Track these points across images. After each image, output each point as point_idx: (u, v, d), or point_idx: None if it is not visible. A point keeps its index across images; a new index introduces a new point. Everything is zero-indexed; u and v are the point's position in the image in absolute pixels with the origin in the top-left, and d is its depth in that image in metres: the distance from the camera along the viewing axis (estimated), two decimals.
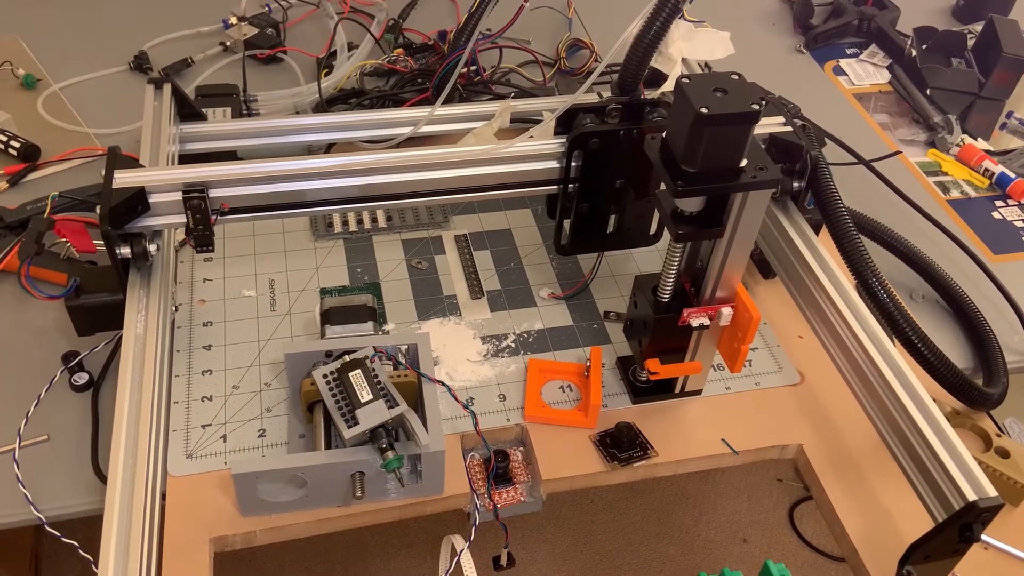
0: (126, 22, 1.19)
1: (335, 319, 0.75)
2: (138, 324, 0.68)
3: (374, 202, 0.77)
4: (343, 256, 0.88)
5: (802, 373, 0.80)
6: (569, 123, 0.76)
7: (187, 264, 0.85)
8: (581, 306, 0.85)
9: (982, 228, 1.00)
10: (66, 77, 1.08)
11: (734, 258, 0.66)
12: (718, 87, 0.58)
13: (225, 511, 0.66)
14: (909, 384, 0.65)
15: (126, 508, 0.58)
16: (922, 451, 0.62)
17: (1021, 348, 0.86)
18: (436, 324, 0.82)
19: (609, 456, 0.72)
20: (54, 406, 0.74)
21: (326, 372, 0.67)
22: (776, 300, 0.86)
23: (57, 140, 0.99)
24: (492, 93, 1.06)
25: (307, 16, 1.23)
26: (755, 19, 1.32)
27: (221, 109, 0.95)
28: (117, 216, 0.67)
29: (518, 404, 0.76)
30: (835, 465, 0.73)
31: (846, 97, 1.19)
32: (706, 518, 1.54)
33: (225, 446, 0.71)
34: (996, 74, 1.14)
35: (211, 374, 0.76)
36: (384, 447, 0.63)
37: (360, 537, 1.44)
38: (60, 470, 0.70)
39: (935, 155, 1.09)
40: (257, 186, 0.71)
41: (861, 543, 0.68)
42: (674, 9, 0.68)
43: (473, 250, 0.90)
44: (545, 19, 1.22)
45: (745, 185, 0.60)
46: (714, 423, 0.76)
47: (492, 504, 0.70)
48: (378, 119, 0.90)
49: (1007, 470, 0.71)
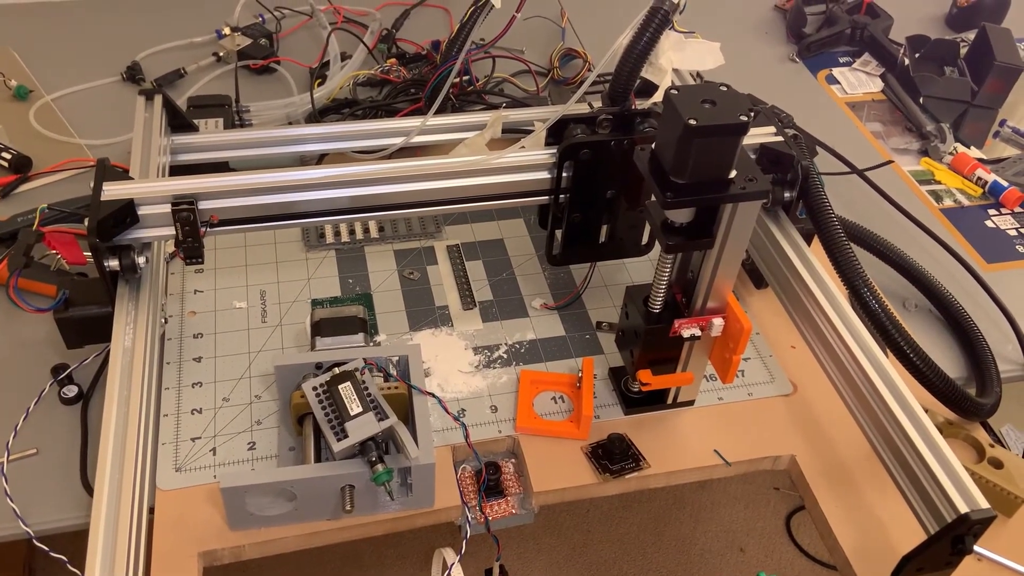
0: (119, 33, 1.19)
1: (325, 331, 0.75)
2: (126, 337, 0.68)
3: (365, 213, 0.76)
4: (335, 267, 0.87)
5: (795, 383, 0.80)
6: (560, 133, 0.76)
7: (178, 275, 0.84)
8: (573, 316, 0.85)
9: (975, 237, 0.99)
10: (58, 88, 1.08)
11: (725, 269, 0.65)
12: (707, 98, 0.58)
13: (214, 525, 0.66)
14: (900, 395, 0.64)
15: (112, 522, 0.57)
16: (914, 463, 0.62)
17: (1014, 357, 0.86)
18: (428, 335, 0.82)
19: (601, 468, 0.72)
20: (43, 419, 0.73)
21: (316, 385, 0.66)
22: (769, 310, 0.85)
23: (49, 151, 0.98)
24: (485, 103, 1.06)
25: (300, 26, 1.23)
26: (748, 28, 1.32)
27: (213, 120, 0.94)
28: (105, 228, 0.67)
29: (510, 415, 0.75)
30: (828, 476, 0.73)
31: (839, 106, 1.19)
32: (703, 527, 1.53)
33: (215, 459, 0.70)
34: (989, 82, 1.14)
35: (201, 386, 0.75)
36: (374, 460, 0.63)
37: (355, 547, 1.43)
38: (49, 484, 0.69)
39: (928, 164, 1.09)
40: (247, 198, 0.71)
41: (854, 555, 0.68)
42: (664, 20, 0.68)
43: (465, 260, 0.89)
44: (538, 28, 1.22)
45: (734, 196, 0.60)
46: (707, 434, 0.75)
47: (483, 517, 0.69)
48: (371, 129, 0.90)
49: (1000, 481, 0.71)
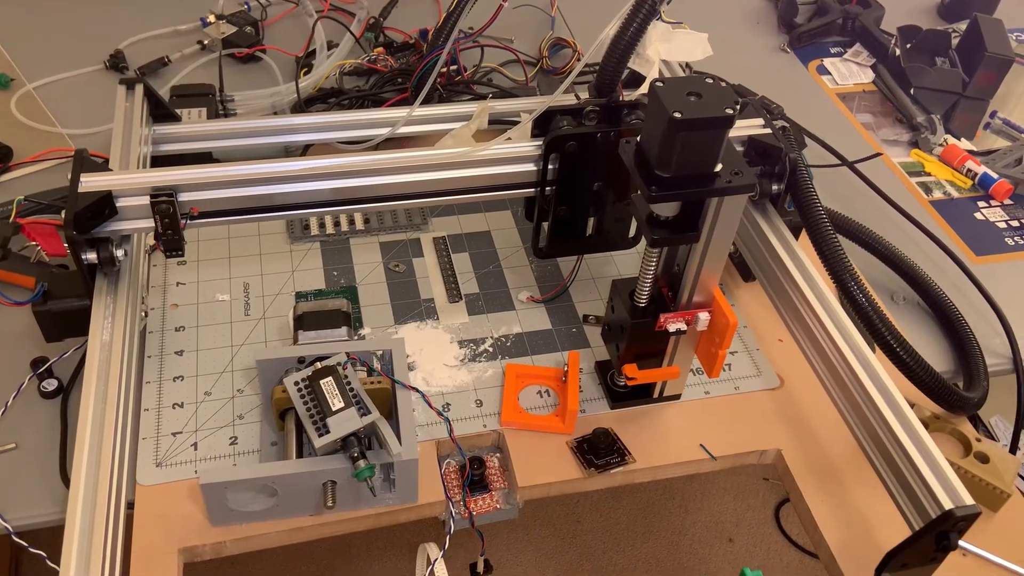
0: (102, 20, 1.17)
1: (308, 324, 0.74)
2: (104, 331, 0.67)
3: (350, 205, 0.75)
4: (319, 259, 0.86)
5: (782, 377, 0.79)
6: (547, 125, 0.75)
7: (160, 268, 0.83)
8: (560, 310, 0.84)
9: (964, 229, 0.99)
10: (40, 76, 1.07)
11: (711, 263, 0.65)
12: (692, 91, 0.57)
13: (195, 521, 0.65)
14: (886, 390, 0.64)
15: (88, 517, 0.56)
16: (899, 458, 0.62)
17: (1002, 351, 0.85)
18: (413, 328, 0.81)
19: (586, 463, 0.71)
20: (22, 413, 0.72)
21: (298, 379, 0.65)
22: (756, 303, 0.85)
23: (30, 141, 0.97)
24: (473, 93, 1.05)
25: (286, 14, 1.21)
26: (739, 18, 1.31)
27: (196, 110, 0.93)
28: (83, 221, 0.66)
29: (495, 410, 0.75)
30: (814, 471, 0.73)
31: (830, 97, 1.18)
32: (692, 518, 1.53)
33: (196, 454, 0.69)
34: (980, 74, 1.14)
35: (183, 380, 0.74)
36: (356, 456, 0.62)
37: (344, 539, 1.43)
38: (28, 478, 0.68)
39: (918, 155, 1.09)
40: (228, 190, 0.70)
41: (839, 549, 0.68)
42: (651, 10, 0.67)
43: (452, 252, 0.89)
44: (528, 18, 1.21)
45: (720, 190, 0.59)
46: (693, 428, 0.75)
47: (468, 512, 0.69)
48: (357, 119, 0.88)
49: (986, 475, 0.71)
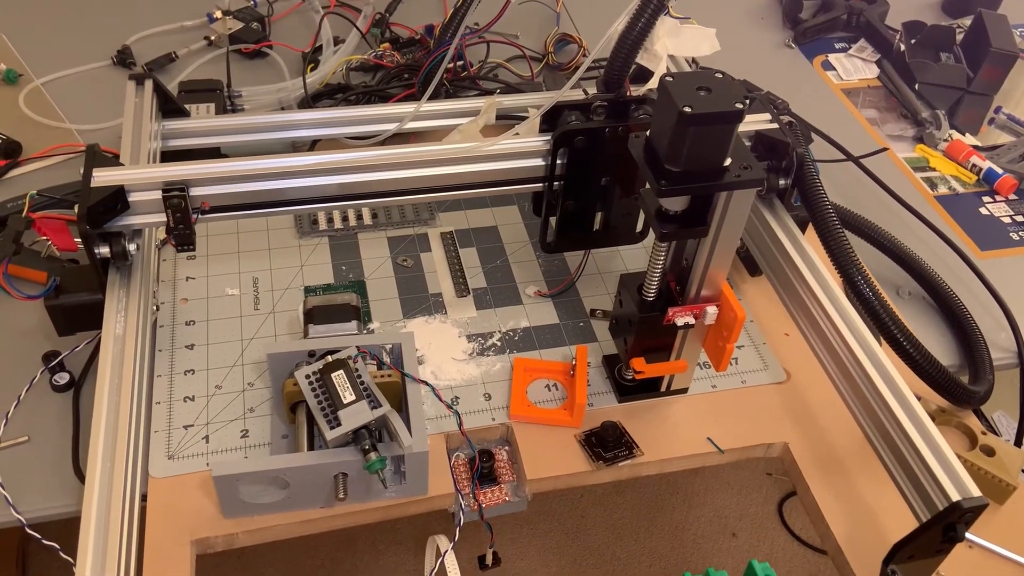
0: (109, 16, 1.18)
1: (318, 318, 0.75)
2: (117, 325, 0.67)
3: (358, 200, 0.76)
4: (328, 254, 0.87)
5: (788, 371, 0.80)
6: (554, 120, 0.76)
7: (170, 262, 0.84)
8: (567, 304, 0.85)
9: (969, 224, 0.99)
10: (48, 72, 1.07)
11: (719, 257, 0.65)
12: (702, 86, 0.57)
13: (207, 512, 0.66)
14: (893, 383, 0.64)
15: (103, 510, 0.57)
16: (906, 450, 0.62)
17: (1007, 345, 0.86)
18: (421, 322, 0.82)
19: (594, 455, 0.72)
20: (35, 407, 0.73)
21: (308, 372, 0.66)
22: (763, 298, 0.85)
23: (39, 136, 0.97)
24: (479, 88, 1.06)
25: (293, 10, 1.22)
26: (744, 13, 1.32)
27: (204, 105, 0.94)
28: (96, 215, 0.66)
29: (503, 403, 0.75)
30: (820, 464, 0.73)
31: (834, 92, 1.18)
32: (696, 512, 1.54)
33: (207, 447, 0.70)
34: (985, 69, 1.14)
35: (193, 374, 0.75)
36: (367, 448, 0.63)
37: (350, 533, 1.44)
38: (41, 471, 0.69)
39: (923, 151, 1.09)
40: (238, 184, 0.71)
41: (846, 542, 0.68)
42: (659, 6, 0.67)
43: (459, 247, 0.89)
44: (533, 13, 1.21)
45: (729, 184, 0.60)
46: (700, 422, 0.75)
47: (477, 504, 0.69)
48: (364, 115, 0.89)
49: (992, 468, 0.71)
